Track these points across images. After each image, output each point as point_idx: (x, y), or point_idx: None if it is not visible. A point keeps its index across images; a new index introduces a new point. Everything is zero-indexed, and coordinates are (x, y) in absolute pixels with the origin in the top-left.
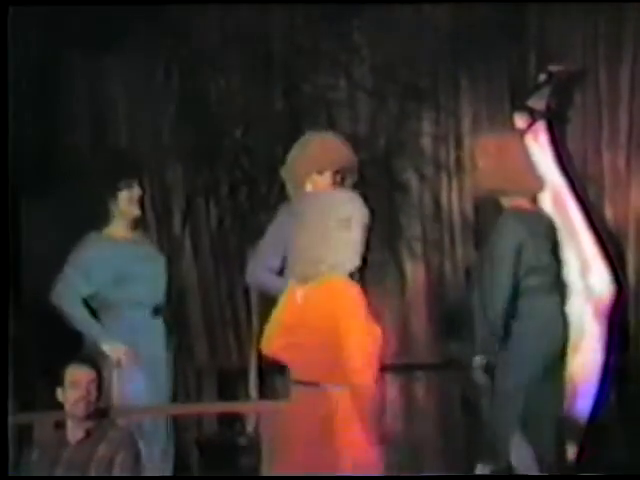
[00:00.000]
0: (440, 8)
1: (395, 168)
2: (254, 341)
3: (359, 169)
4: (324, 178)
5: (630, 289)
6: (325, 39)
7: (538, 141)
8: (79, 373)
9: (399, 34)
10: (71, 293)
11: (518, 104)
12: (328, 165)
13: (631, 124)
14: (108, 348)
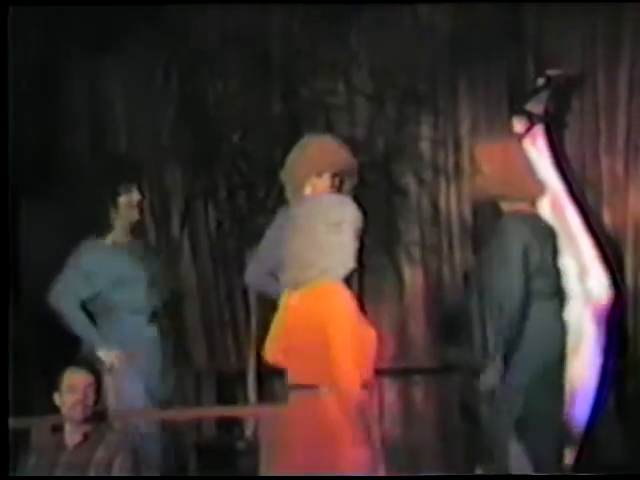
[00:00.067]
0: (439, 12)
1: (394, 172)
2: (253, 344)
3: (359, 172)
4: (323, 181)
5: (628, 293)
6: (323, 43)
7: (536, 145)
8: (76, 377)
9: (397, 38)
10: (68, 295)
11: (516, 108)
12: (326, 168)
13: (629, 128)
14: (102, 352)
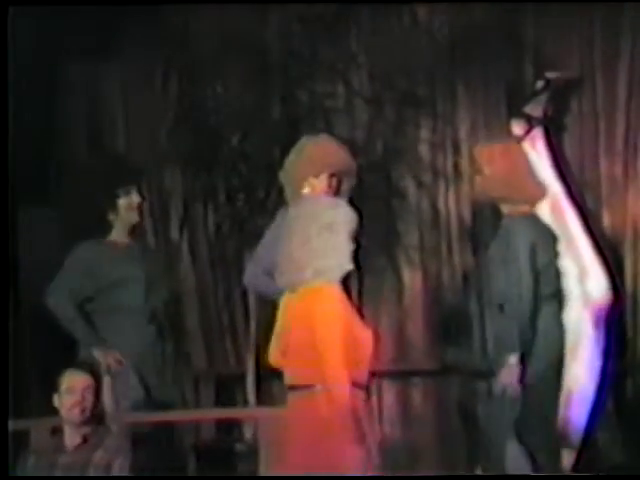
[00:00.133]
0: (437, 15)
1: (393, 175)
2: (252, 347)
3: (358, 174)
4: (320, 181)
5: (627, 295)
6: (323, 46)
7: (535, 148)
8: (75, 379)
9: (396, 41)
10: (65, 295)
11: (515, 111)
12: (323, 168)
13: (628, 131)
14: (98, 353)
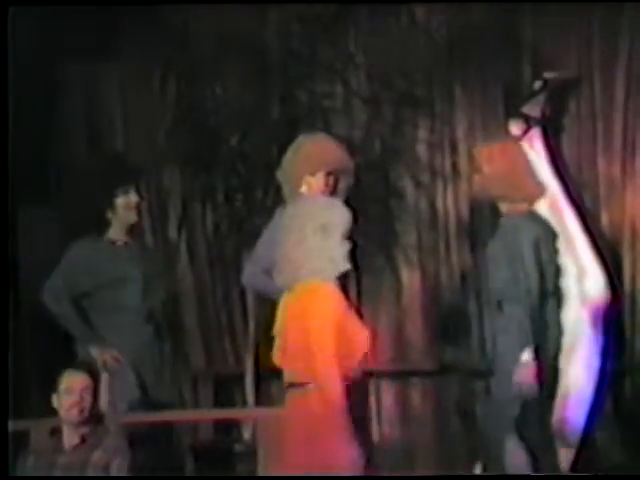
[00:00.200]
0: (435, 16)
1: (391, 175)
2: (250, 346)
3: (355, 173)
4: (317, 179)
5: (626, 294)
6: (321, 46)
7: (533, 148)
8: (73, 380)
9: (394, 42)
10: (61, 291)
11: (513, 111)
12: (320, 166)
13: (626, 130)
14: (95, 350)
